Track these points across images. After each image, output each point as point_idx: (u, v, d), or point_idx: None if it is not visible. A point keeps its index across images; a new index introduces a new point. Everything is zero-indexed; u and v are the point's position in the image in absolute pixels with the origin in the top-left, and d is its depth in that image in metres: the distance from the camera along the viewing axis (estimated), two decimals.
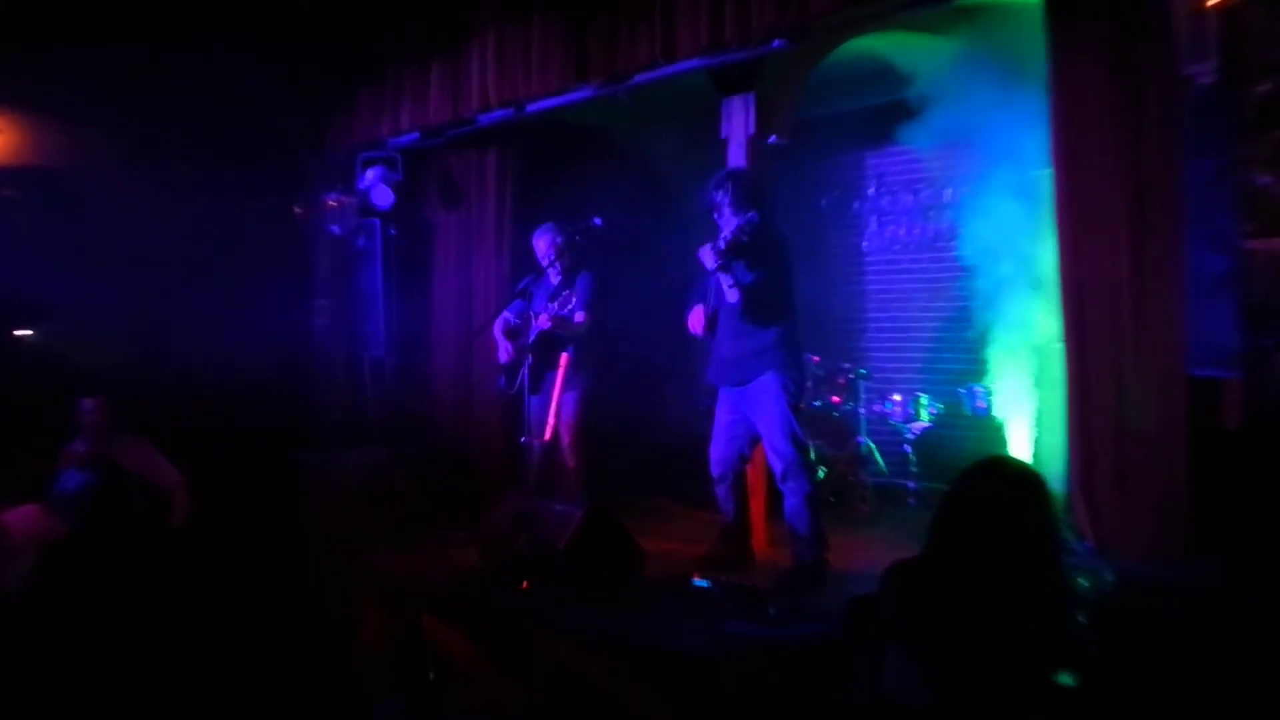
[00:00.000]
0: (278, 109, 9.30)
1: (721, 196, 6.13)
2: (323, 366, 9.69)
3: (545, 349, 7.15)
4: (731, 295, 5.97)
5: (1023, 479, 3.13)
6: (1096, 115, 5.46)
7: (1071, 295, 5.57)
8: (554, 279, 7.37)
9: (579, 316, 7.09)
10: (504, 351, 7.41)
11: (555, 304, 7.03)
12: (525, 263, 7.74)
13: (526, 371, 7.08)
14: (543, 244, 7.37)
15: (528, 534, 6.15)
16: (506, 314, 7.45)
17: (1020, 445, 7.84)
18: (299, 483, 8.16)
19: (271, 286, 9.15)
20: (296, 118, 9.53)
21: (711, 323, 6.28)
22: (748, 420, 6.24)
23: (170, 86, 8.64)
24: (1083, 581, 4.62)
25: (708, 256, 5.87)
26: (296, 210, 9.76)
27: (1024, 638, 2.96)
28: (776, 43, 6.56)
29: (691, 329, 6.27)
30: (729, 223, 6.04)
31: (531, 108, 8.05)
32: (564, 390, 7.18)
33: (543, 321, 7.07)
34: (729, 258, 5.88)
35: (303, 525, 7.69)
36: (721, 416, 6.38)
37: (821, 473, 8.13)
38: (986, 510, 3.07)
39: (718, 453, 6.37)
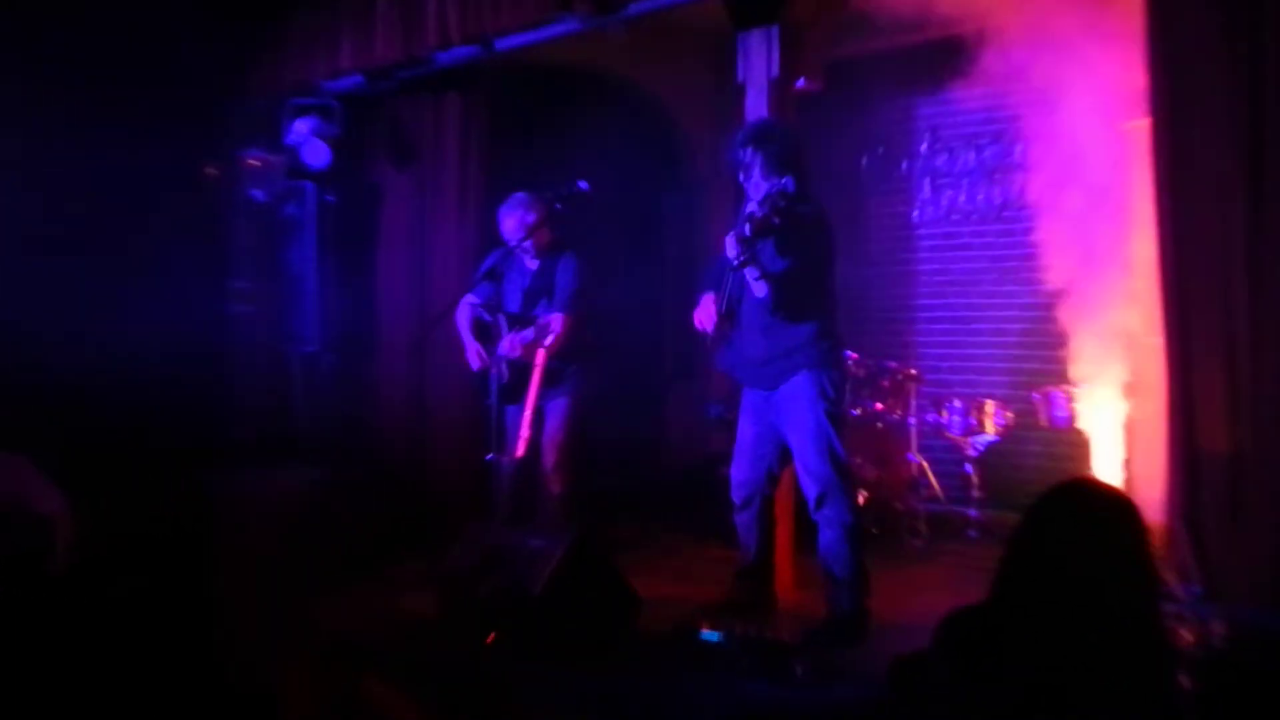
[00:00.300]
0: (184, 44, 9.26)
1: (751, 156, 6.08)
2: (241, 366, 9.67)
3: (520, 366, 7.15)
4: (759, 289, 5.94)
5: (1112, 507, 3.13)
6: (1205, 54, 5.45)
7: (1172, 279, 5.56)
8: (530, 263, 7.34)
9: (553, 329, 7.06)
10: (473, 354, 7.39)
11: (531, 331, 6.97)
12: (494, 234, 7.73)
13: (495, 383, 7.06)
14: (511, 223, 7.32)
15: (496, 575, 6.14)
16: (471, 298, 7.43)
17: (1109, 465, 7.83)
18: (210, 511, 8.13)
19: (176, 266, 9.11)
20: (208, 55, 9.49)
21: (730, 314, 6.23)
22: (777, 432, 6.23)
23: (43, 13, 8.60)
24: (1186, 635, 4.61)
25: (731, 247, 5.84)
26: (208, 171, 9.74)
27: (1113, 706, 2.96)
28: None
29: (698, 324, 6.22)
30: (759, 189, 6.01)
31: (502, 44, 8.03)
32: (547, 396, 7.16)
33: (510, 349, 7.04)
34: (755, 243, 5.84)
35: (214, 565, 7.67)
36: (745, 428, 6.36)
37: (861, 498, 8.12)
38: (1067, 546, 3.06)
39: (741, 473, 6.36)
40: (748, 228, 5.76)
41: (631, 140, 9.64)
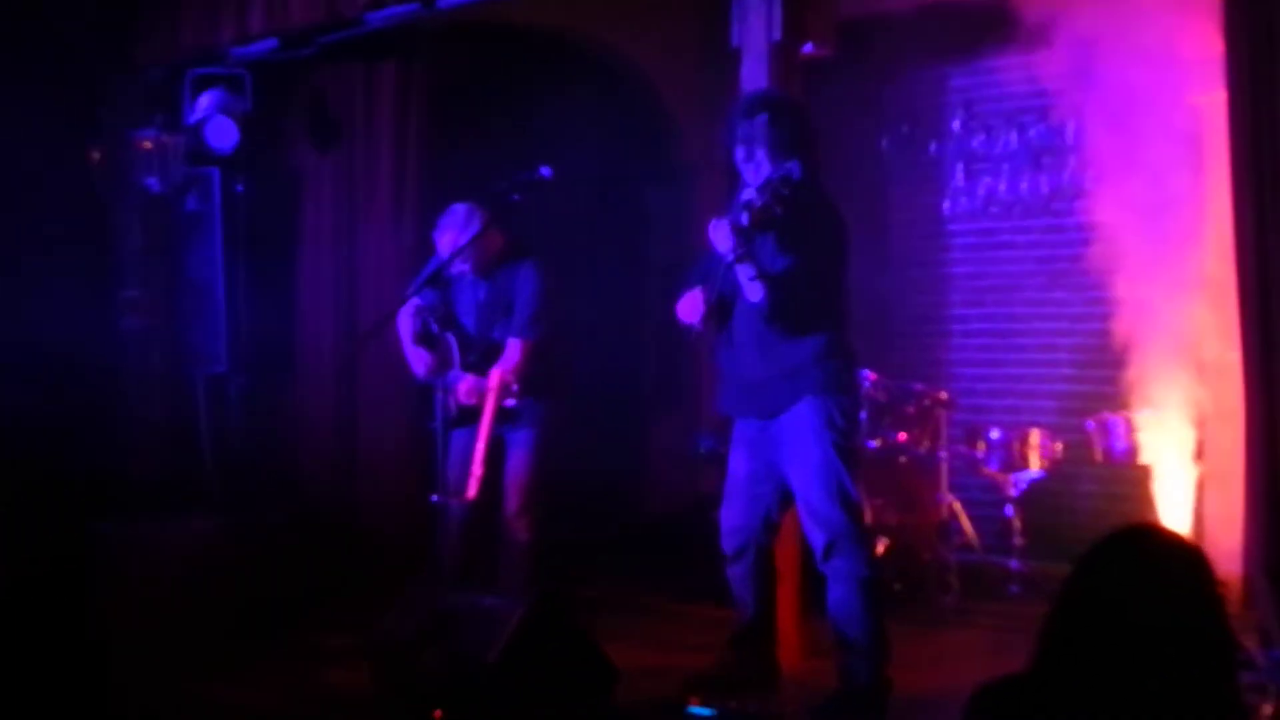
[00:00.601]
0: (59, 2, 9.28)
1: (753, 132, 6.09)
2: (134, 391, 9.67)
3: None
4: (754, 292, 5.93)
5: (1179, 558, 3.14)
6: None
7: (1252, 284, 5.61)
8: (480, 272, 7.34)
9: (510, 357, 7.07)
10: (418, 360, 7.36)
11: (495, 378, 6.99)
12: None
13: (441, 411, 7.06)
14: (448, 240, 7.27)
15: (443, 641, 6.16)
16: (417, 301, 7.35)
17: (1177, 507, 7.87)
18: (94, 567, 8.12)
19: (54, 272, 9.11)
20: (91, 17, 9.50)
21: (720, 315, 6.22)
22: (777, 469, 6.23)
23: None
24: (1266, 708, 4.65)
25: (722, 236, 5.84)
26: (92, 156, 9.74)
27: None
28: None
29: (683, 317, 6.15)
30: (759, 173, 6.03)
31: (446, 1, 8.06)
32: (507, 426, 7.15)
33: (467, 394, 7.05)
34: (753, 236, 5.84)
35: (100, 631, 7.67)
36: (738, 465, 6.36)
37: (881, 547, 8.16)
38: (1125, 604, 3.08)
39: (733, 518, 6.35)
40: (745, 216, 5.76)
41: (605, 119, 9.67)
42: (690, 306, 6.10)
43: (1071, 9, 8.19)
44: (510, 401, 7.00)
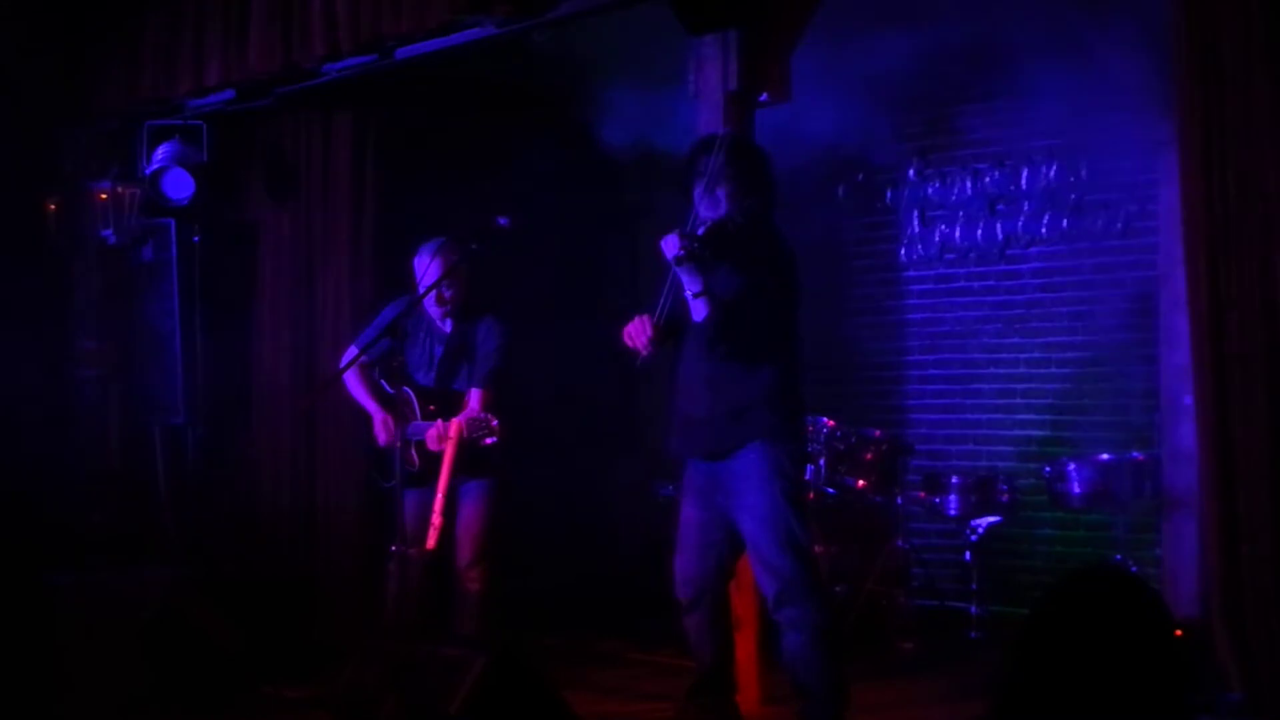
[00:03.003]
0: (14, 52, 9.24)
1: (716, 168, 6.06)
2: (90, 442, 9.61)
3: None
4: (698, 309, 5.90)
5: (1137, 600, 3.14)
6: (1247, 53, 5.52)
7: (1207, 326, 5.62)
8: (443, 323, 7.31)
9: (471, 406, 7.03)
10: (380, 424, 7.34)
11: (466, 425, 6.94)
12: (395, 283, 7.71)
13: (400, 464, 7.03)
14: (436, 266, 7.21)
15: (402, 692, 6.12)
16: (363, 359, 7.33)
17: (1135, 551, 7.87)
18: (47, 620, 8.05)
19: (8, 322, 9.06)
20: (44, 66, 9.47)
21: (672, 343, 6.17)
22: (727, 516, 6.17)
23: None
24: None
25: (670, 243, 5.81)
26: (49, 206, 9.70)
27: None
28: None
29: (628, 340, 6.03)
30: (718, 210, 6.00)
31: (404, 53, 8.06)
32: (462, 476, 7.12)
33: (436, 441, 6.98)
34: (704, 252, 5.80)
35: (51, 685, 7.60)
36: (689, 511, 6.30)
37: (840, 594, 8.14)
38: (1082, 647, 3.08)
39: (686, 566, 6.29)
40: (700, 229, 5.77)
41: (562, 168, 9.65)
42: (635, 331, 6.01)
43: (1024, 57, 8.22)
44: (490, 440, 6.93)
